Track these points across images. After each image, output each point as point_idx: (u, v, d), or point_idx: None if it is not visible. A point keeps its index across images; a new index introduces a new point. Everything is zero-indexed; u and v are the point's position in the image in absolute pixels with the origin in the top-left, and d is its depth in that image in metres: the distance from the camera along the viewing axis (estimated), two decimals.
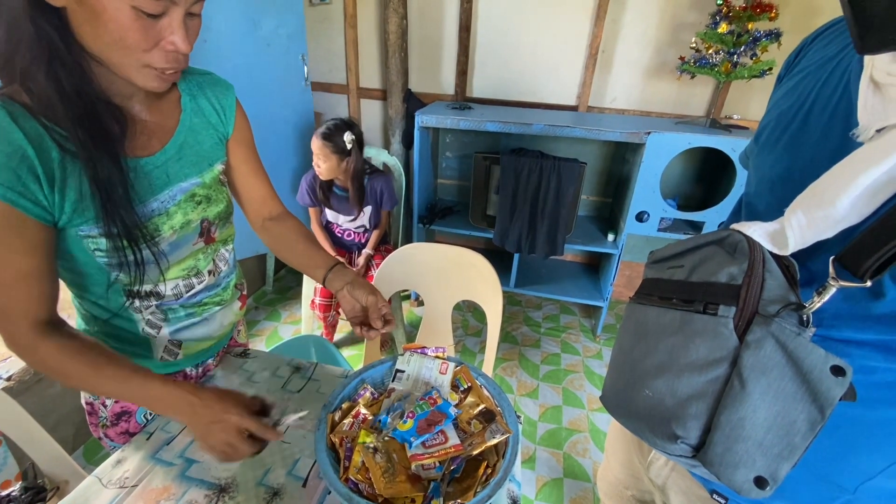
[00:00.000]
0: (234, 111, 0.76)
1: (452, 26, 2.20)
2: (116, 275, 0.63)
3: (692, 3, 1.93)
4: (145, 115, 0.64)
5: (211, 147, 0.72)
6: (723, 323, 0.44)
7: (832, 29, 0.57)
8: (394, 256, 1.25)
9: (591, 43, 2.06)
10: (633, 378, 0.54)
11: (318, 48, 2.37)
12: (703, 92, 2.08)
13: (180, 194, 0.67)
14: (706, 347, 0.44)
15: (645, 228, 1.95)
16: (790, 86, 0.58)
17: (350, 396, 0.75)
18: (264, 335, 2.18)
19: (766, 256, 0.44)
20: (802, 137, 0.52)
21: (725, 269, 0.46)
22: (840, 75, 0.50)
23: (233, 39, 1.69)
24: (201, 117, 0.71)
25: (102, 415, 0.80)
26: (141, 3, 0.47)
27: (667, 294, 0.53)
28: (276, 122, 1.94)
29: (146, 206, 0.63)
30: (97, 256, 0.61)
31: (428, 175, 2.29)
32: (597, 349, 2.21)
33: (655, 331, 0.52)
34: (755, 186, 0.62)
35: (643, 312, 0.56)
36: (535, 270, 2.42)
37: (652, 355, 0.51)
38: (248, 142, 0.79)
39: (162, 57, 0.53)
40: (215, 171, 0.72)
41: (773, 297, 0.43)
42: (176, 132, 0.67)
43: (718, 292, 0.45)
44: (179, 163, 0.67)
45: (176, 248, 0.68)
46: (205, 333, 0.80)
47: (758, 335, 0.41)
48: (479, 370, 0.79)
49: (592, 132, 1.82)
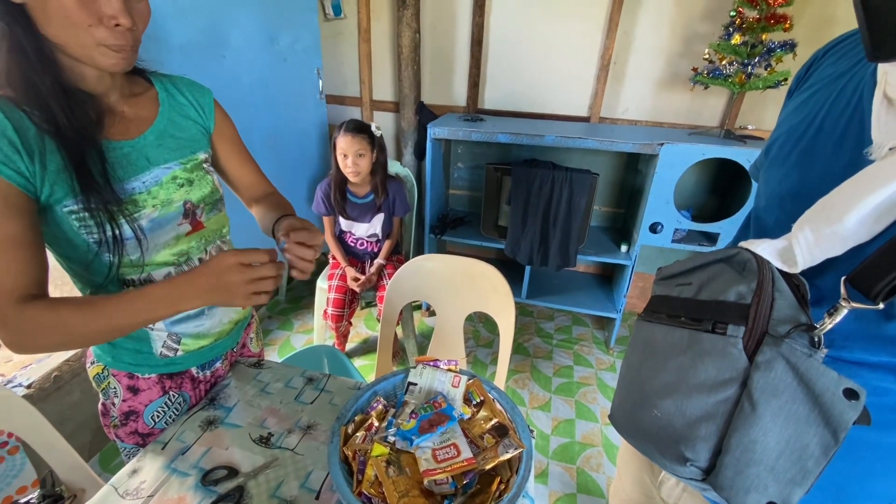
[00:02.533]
0: (212, 109, 0.82)
1: (464, 40, 2.23)
2: (104, 254, 0.65)
3: (704, 14, 1.93)
4: (123, 107, 0.70)
5: (192, 137, 0.78)
6: (732, 343, 0.43)
7: (843, 43, 0.57)
8: (406, 267, 1.26)
9: (603, 55, 2.07)
10: (642, 397, 0.53)
11: (332, 62, 2.42)
12: (716, 102, 2.06)
13: (162, 175, 0.71)
14: (715, 368, 0.44)
15: (659, 239, 1.93)
16: (801, 100, 0.58)
17: (363, 409, 0.75)
18: (277, 344, 2.20)
19: (775, 275, 0.44)
20: (813, 153, 0.52)
21: (734, 287, 0.45)
22: (852, 91, 0.49)
23: (250, 55, 1.73)
24: (180, 111, 0.77)
25: (113, 414, 0.81)
26: None
27: (675, 312, 0.53)
28: (291, 133, 1.97)
29: (126, 184, 0.67)
30: (82, 233, 0.64)
31: (439, 186, 2.31)
32: (610, 362, 2.18)
33: (663, 349, 0.52)
34: (765, 201, 0.61)
35: (651, 330, 0.56)
36: (547, 281, 2.41)
37: (660, 374, 0.51)
38: (231, 136, 0.85)
39: (109, 33, 0.57)
40: (198, 159, 0.77)
41: (783, 316, 0.42)
42: (155, 121, 0.73)
43: (727, 311, 0.45)
44: (159, 149, 0.72)
45: (158, 225, 0.70)
46: (203, 329, 0.81)
47: (768, 356, 0.41)
48: (491, 383, 0.79)
49: (605, 143, 1.82)
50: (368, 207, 1.86)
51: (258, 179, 0.89)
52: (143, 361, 0.78)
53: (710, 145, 1.73)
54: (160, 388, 0.81)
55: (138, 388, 0.79)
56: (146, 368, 0.79)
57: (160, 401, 0.81)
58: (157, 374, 0.80)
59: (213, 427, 0.81)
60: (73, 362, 1.48)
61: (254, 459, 0.75)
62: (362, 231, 1.90)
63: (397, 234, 1.98)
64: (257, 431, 0.81)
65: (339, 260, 1.91)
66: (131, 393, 0.79)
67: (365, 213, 1.86)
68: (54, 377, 1.43)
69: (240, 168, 0.87)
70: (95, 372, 0.80)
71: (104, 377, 0.79)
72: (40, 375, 1.41)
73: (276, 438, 0.79)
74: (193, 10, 1.52)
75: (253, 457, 0.76)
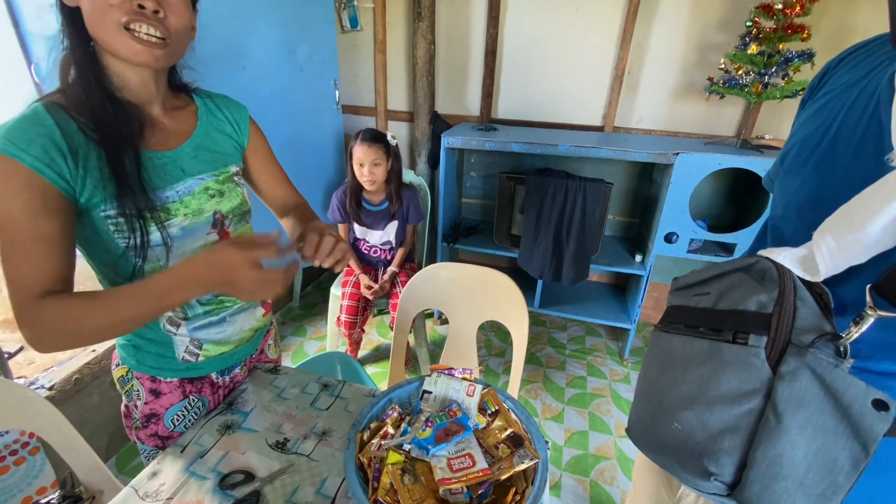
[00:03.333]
0: (247, 125, 0.85)
1: (479, 51, 2.25)
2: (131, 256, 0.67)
3: (720, 24, 1.92)
4: (164, 119, 0.73)
5: (226, 151, 0.80)
6: (754, 353, 0.42)
7: (857, 53, 0.57)
8: (420, 275, 1.26)
9: (617, 65, 2.07)
10: (661, 410, 0.52)
11: (348, 72, 2.46)
12: (732, 112, 2.05)
13: (195, 186, 0.73)
14: (737, 379, 0.43)
15: (674, 250, 1.91)
16: (815, 108, 0.58)
17: (378, 416, 0.75)
18: (290, 350, 2.22)
19: (796, 283, 0.43)
20: (831, 161, 0.51)
21: (754, 296, 0.44)
22: (868, 98, 0.49)
23: (270, 67, 1.78)
24: (216, 126, 0.80)
25: (135, 416, 0.83)
26: None
27: (693, 322, 0.52)
28: (308, 143, 2.01)
29: (161, 192, 0.69)
30: (115, 237, 0.65)
31: (453, 194, 2.32)
32: (624, 373, 2.16)
33: (683, 360, 0.51)
34: (782, 210, 0.60)
35: (669, 341, 0.55)
36: (561, 290, 2.39)
37: (680, 386, 0.50)
38: (264, 151, 0.88)
39: (131, 15, 0.58)
40: (229, 172, 0.79)
41: (806, 326, 0.41)
42: (193, 135, 0.75)
43: (748, 321, 0.44)
44: (194, 160, 0.74)
45: (187, 233, 0.72)
46: (224, 336, 0.83)
47: (792, 366, 0.40)
48: (506, 393, 0.79)
49: (619, 153, 1.81)
50: (383, 215, 1.88)
51: (289, 193, 0.91)
52: (166, 365, 0.80)
53: (726, 155, 1.72)
54: (181, 392, 0.82)
55: (160, 391, 0.81)
56: (168, 372, 0.80)
57: (180, 404, 0.83)
58: (179, 379, 0.82)
59: (231, 431, 0.82)
60: (93, 365, 1.52)
61: (270, 464, 0.76)
62: (376, 238, 1.92)
63: (410, 242, 1.99)
64: (273, 437, 0.81)
65: (353, 267, 1.93)
66: (153, 396, 0.81)
67: (379, 221, 1.88)
68: (75, 380, 1.46)
69: (271, 181, 0.89)
70: (120, 374, 0.82)
71: (128, 379, 0.81)
72: (61, 378, 1.45)
73: (291, 444, 0.80)
74: (217, 23, 1.57)
75: (269, 462, 0.76)
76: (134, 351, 0.79)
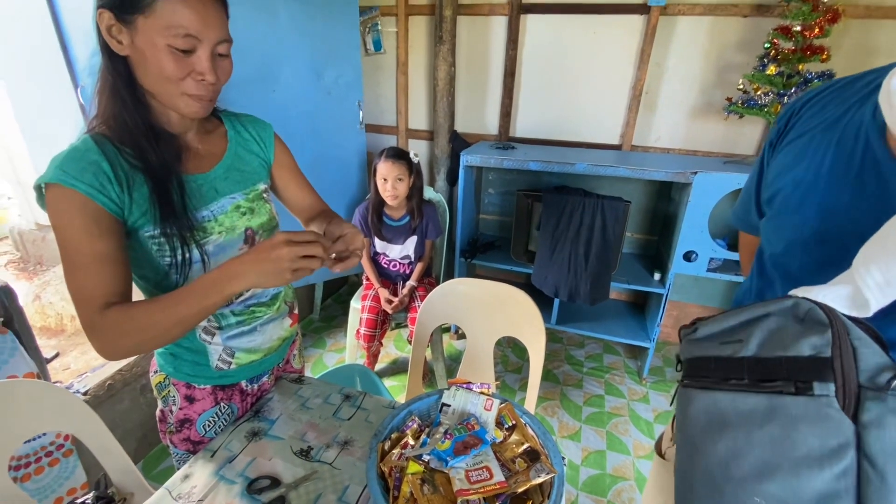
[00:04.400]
0: (272, 142, 0.90)
1: (498, 72, 2.31)
2: (173, 275, 0.72)
3: (738, 45, 1.94)
4: (198, 144, 0.79)
5: (254, 169, 0.85)
6: (826, 403, 0.38)
7: (822, 95, 0.59)
8: (438, 290, 1.29)
9: (635, 85, 2.10)
10: (731, 485, 0.44)
11: (371, 93, 2.55)
12: (752, 131, 2.05)
13: (228, 205, 0.79)
14: (816, 435, 0.38)
15: (693, 268, 1.90)
16: (796, 150, 0.59)
17: (399, 427, 0.78)
18: (310, 361, 2.26)
19: (846, 323, 0.41)
20: (831, 199, 0.52)
21: (805, 340, 0.41)
22: (854, 135, 0.50)
23: (298, 89, 1.86)
24: (244, 146, 0.85)
25: (170, 421, 0.87)
26: (173, 42, 0.62)
27: (732, 375, 0.47)
28: (332, 161, 2.08)
29: (198, 212, 0.74)
30: (158, 256, 0.71)
31: (471, 210, 2.36)
32: (643, 392, 2.13)
33: (739, 421, 0.44)
34: (782, 247, 0.60)
35: (712, 399, 0.48)
36: (578, 307, 2.39)
37: (747, 453, 0.43)
38: (289, 165, 0.93)
39: (194, 85, 0.66)
40: (258, 189, 0.84)
41: (871, 366, 0.38)
42: (224, 157, 0.81)
43: (805, 367, 0.40)
44: (226, 181, 0.79)
45: (221, 249, 0.77)
46: (255, 344, 0.87)
47: (875, 413, 0.36)
48: (523, 408, 0.81)
49: (637, 171, 1.83)
50: (403, 230, 1.93)
51: (313, 203, 0.96)
52: (201, 373, 0.84)
53: (747, 174, 1.71)
54: (213, 399, 0.87)
55: (194, 397, 0.85)
56: (202, 379, 0.85)
57: (212, 410, 0.87)
58: (212, 386, 0.86)
59: (258, 438, 0.86)
60: (125, 372, 1.58)
61: (294, 471, 0.79)
62: (396, 253, 1.96)
63: (429, 257, 2.03)
64: (298, 444, 0.85)
65: (373, 281, 1.97)
66: (188, 402, 0.85)
67: (399, 235, 1.93)
68: (108, 385, 1.53)
69: (298, 192, 0.94)
70: (158, 381, 0.87)
71: (165, 385, 0.86)
72: (95, 383, 1.51)
73: (315, 452, 0.83)
74: (250, 50, 1.66)
75: (294, 469, 0.79)
76: (172, 359, 0.84)
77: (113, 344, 0.65)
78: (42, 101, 1.62)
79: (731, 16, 1.92)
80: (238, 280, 0.64)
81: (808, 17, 1.59)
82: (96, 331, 0.64)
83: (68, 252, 0.64)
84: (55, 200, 0.63)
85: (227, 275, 0.64)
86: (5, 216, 2.96)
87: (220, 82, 0.69)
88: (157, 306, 0.65)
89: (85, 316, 0.65)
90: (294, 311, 0.97)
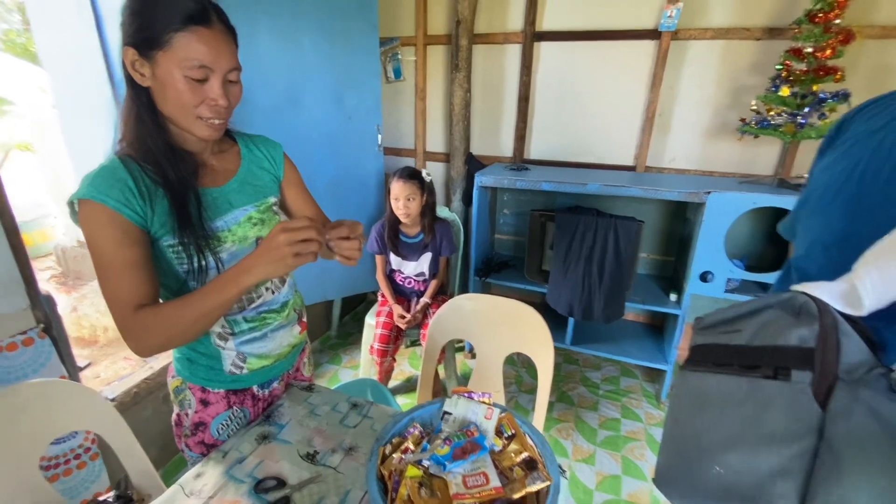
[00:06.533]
0: (282, 160, 0.97)
1: (512, 97, 2.38)
2: (191, 281, 0.79)
3: (751, 68, 1.96)
4: (214, 161, 0.86)
5: (265, 184, 0.92)
6: (799, 389, 0.40)
7: (874, 105, 0.61)
8: (447, 306, 1.32)
9: (648, 107, 2.13)
10: (698, 453, 0.49)
11: (390, 118, 2.66)
12: (769, 151, 2.03)
13: (241, 216, 0.85)
14: (784, 417, 0.41)
15: (710, 289, 1.87)
16: (836, 155, 0.61)
17: (400, 432, 0.80)
18: (325, 377, 2.30)
19: (837, 318, 0.42)
20: (859, 202, 0.53)
21: (793, 331, 0.43)
22: (891, 143, 0.52)
23: (320, 114, 1.97)
24: (257, 163, 0.92)
25: (185, 424, 0.92)
26: (189, 73, 0.69)
27: (725, 360, 0.50)
28: (351, 182, 2.17)
29: (213, 223, 0.81)
30: (176, 263, 0.78)
31: (485, 230, 2.40)
32: (661, 416, 2.07)
33: (719, 399, 0.48)
34: (805, 249, 0.62)
35: (700, 380, 0.52)
36: (594, 328, 2.36)
37: (719, 427, 0.47)
38: (296, 182, 1.00)
39: (208, 109, 0.73)
40: (269, 202, 0.91)
41: (852, 360, 0.40)
42: (238, 172, 0.88)
43: (789, 356, 0.42)
44: (240, 194, 0.86)
45: (234, 257, 0.82)
46: (266, 350, 0.92)
47: (844, 402, 0.38)
48: (523, 418, 0.82)
49: (649, 192, 1.84)
50: (417, 247, 1.98)
51: (318, 216, 1.01)
52: (215, 377, 0.89)
53: (762, 194, 1.70)
54: (226, 403, 0.91)
55: (208, 401, 0.90)
56: (216, 384, 0.90)
57: (225, 414, 0.91)
58: (225, 390, 0.91)
59: (267, 441, 0.89)
60: (150, 381, 1.66)
61: (300, 474, 0.82)
62: (410, 269, 2.01)
63: (443, 274, 2.07)
64: (305, 448, 0.88)
65: (388, 297, 2.02)
66: (202, 405, 0.90)
67: (414, 252, 1.98)
68: (133, 393, 1.60)
69: (304, 207, 1.01)
70: (175, 385, 0.92)
71: (182, 389, 0.91)
72: (122, 391, 1.59)
73: (321, 456, 0.86)
74: (276, 78, 1.78)
75: (299, 471, 0.82)
76: (188, 364, 0.89)
77: (144, 341, 0.72)
78: (89, 124, 1.77)
79: (743, 39, 1.94)
80: (250, 273, 0.70)
81: (820, 38, 1.60)
82: (129, 330, 0.72)
83: (101, 260, 0.71)
84: (87, 215, 0.70)
85: (240, 269, 0.71)
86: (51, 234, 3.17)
87: (232, 106, 0.77)
88: (181, 303, 0.72)
89: (118, 317, 0.72)
90: (303, 318, 1.02)
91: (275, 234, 0.69)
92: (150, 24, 0.67)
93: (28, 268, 1.20)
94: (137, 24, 0.68)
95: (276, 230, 0.69)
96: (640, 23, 2.06)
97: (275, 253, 0.68)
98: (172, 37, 0.67)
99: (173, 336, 0.74)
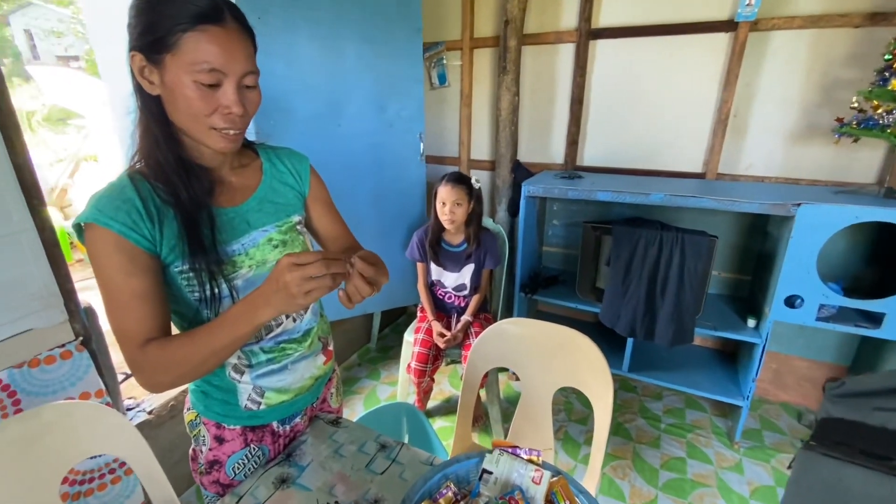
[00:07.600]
0: (308, 175, 0.88)
1: (564, 100, 2.22)
2: (203, 310, 0.71)
3: (848, 59, 1.68)
4: (232, 178, 0.78)
5: (289, 202, 0.83)
6: None
7: None
8: (490, 331, 1.19)
9: (720, 108, 1.90)
10: None
11: (434, 125, 2.57)
12: (870, 156, 1.74)
13: (260, 238, 0.76)
14: None
15: (798, 316, 1.61)
16: None
17: (431, 493, 0.68)
18: (364, 393, 2.23)
19: None
20: None
21: None
22: None
23: (362, 123, 1.91)
24: (279, 178, 0.83)
25: (201, 461, 0.85)
26: (198, 78, 0.61)
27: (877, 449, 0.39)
28: (392, 192, 2.10)
29: (228, 246, 0.73)
30: (187, 291, 0.70)
31: (532, 242, 2.24)
32: (735, 459, 1.81)
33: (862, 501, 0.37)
34: None
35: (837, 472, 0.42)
36: (655, 353, 2.13)
37: None
38: (324, 199, 0.91)
39: (221, 119, 0.65)
40: (292, 222, 0.82)
41: None
42: (258, 189, 0.79)
43: None
44: (259, 213, 0.78)
45: (251, 284, 0.73)
46: (285, 384, 0.83)
47: None
48: (579, 485, 0.67)
49: (724, 203, 1.61)
50: (460, 257, 1.86)
51: (342, 234, 0.93)
52: (230, 413, 0.81)
53: (866, 206, 1.44)
54: (243, 440, 0.83)
55: (224, 438, 0.82)
56: (232, 420, 0.82)
57: (241, 452, 0.83)
58: (241, 427, 0.83)
59: (286, 486, 0.80)
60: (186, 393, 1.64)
61: None
62: (451, 281, 1.89)
63: (485, 288, 1.93)
64: (325, 498, 0.77)
65: (427, 311, 1.91)
66: (217, 442, 0.82)
67: (456, 262, 1.86)
68: (170, 406, 1.59)
69: (330, 226, 0.91)
70: (190, 419, 0.85)
71: (196, 424, 0.84)
72: (159, 403, 1.58)
73: None
74: (317, 87, 1.74)
75: None
76: (203, 397, 0.82)
77: (153, 378, 0.66)
78: None
79: (839, 27, 1.68)
80: (262, 310, 0.62)
81: None
82: (137, 367, 0.65)
83: (107, 290, 0.65)
84: (92, 240, 0.64)
85: (253, 305, 0.62)
86: None
87: (249, 114, 0.68)
88: (191, 339, 0.65)
89: (126, 353, 0.66)
90: (329, 346, 0.92)
91: (281, 270, 0.59)
92: (157, 25, 0.60)
93: (68, 280, 1.20)
94: (143, 26, 0.61)
95: (283, 266, 0.59)
96: (711, 13, 1.84)
97: (283, 293, 0.59)
98: (180, 38, 0.59)
99: (184, 374, 0.66)
